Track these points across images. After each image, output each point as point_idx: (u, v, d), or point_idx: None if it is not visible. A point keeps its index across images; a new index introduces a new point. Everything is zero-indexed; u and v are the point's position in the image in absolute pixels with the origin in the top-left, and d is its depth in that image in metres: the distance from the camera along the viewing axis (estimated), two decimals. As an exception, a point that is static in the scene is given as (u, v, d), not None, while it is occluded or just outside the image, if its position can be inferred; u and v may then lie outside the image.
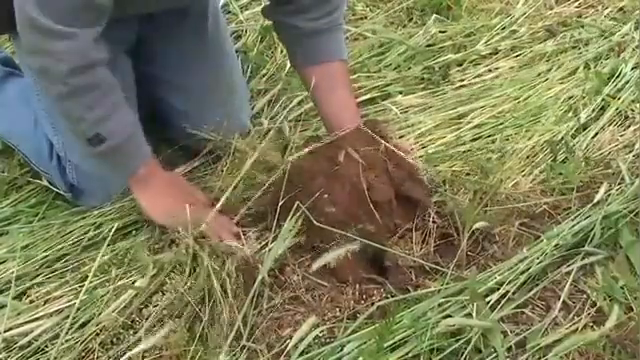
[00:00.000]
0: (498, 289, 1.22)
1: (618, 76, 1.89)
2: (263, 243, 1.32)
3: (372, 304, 1.20)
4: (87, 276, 1.24)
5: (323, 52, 1.45)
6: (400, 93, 1.86)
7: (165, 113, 1.58)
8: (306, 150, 1.33)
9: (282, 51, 1.93)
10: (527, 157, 1.63)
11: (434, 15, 2.16)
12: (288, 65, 1.83)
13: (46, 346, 1.20)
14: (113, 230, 1.32)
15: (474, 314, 1.17)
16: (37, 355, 1.19)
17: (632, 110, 1.77)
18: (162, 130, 1.60)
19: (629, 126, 1.73)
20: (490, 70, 1.98)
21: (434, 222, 1.34)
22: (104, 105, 1.25)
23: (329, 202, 1.26)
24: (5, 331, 1.19)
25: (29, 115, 1.52)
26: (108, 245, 1.32)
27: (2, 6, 1.38)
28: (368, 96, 1.83)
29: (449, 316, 1.17)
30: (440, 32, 2.10)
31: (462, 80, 1.94)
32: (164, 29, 1.50)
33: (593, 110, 1.78)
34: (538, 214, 1.44)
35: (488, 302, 1.20)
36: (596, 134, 1.70)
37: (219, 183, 1.39)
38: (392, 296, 1.23)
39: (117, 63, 1.33)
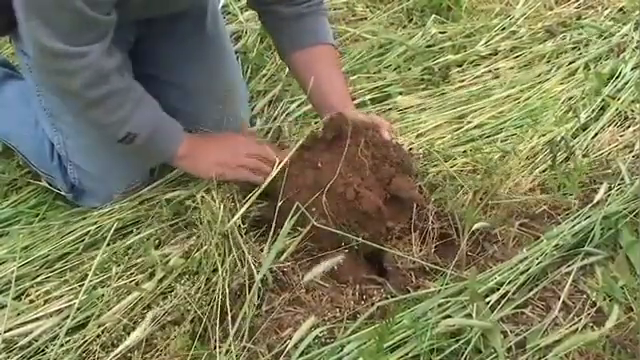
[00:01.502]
0: (498, 289, 1.22)
1: (618, 77, 1.90)
2: (263, 245, 1.32)
3: (372, 304, 1.20)
4: (87, 275, 1.24)
5: (308, 34, 1.46)
6: (400, 94, 1.87)
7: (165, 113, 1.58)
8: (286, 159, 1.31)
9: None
10: (527, 157, 1.63)
11: (434, 16, 2.16)
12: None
13: (46, 347, 1.20)
14: (112, 230, 1.32)
15: (474, 314, 1.17)
16: (37, 356, 1.19)
17: (632, 110, 1.78)
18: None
19: (629, 126, 1.73)
20: (490, 71, 1.99)
21: (433, 223, 1.34)
22: (125, 107, 1.28)
23: (318, 215, 1.25)
24: (5, 331, 1.19)
25: (29, 116, 1.52)
26: (108, 245, 1.32)
27: (4, 10, 1.38)
28: (368, 97, 1.84)
29: (449, 316, 1.17)
30: (440, 33, 2.10)
31: (462, 81, 1.94)
32: (163, 29, 1.50)
33: (593, 111, 1.78)
34: (538, 214, 1.44)
35: (488, 302, 1.20)
36: (596, 134, 1.71)
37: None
38: (392, 296, 1.23)
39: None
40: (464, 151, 1.64)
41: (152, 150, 1.37)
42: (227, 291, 1.20)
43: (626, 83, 1.87)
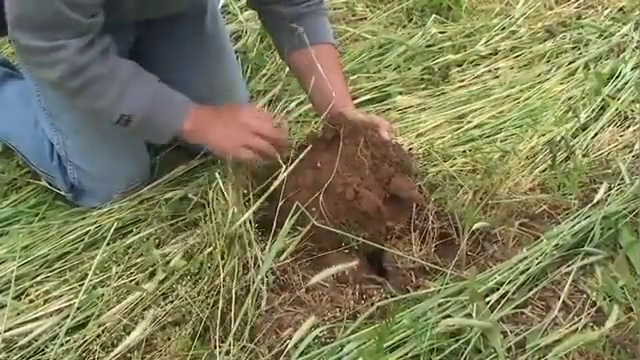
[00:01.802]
0: (498, 289, 1.22)
1: (618, 76, 1.90)
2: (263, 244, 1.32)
3: (372, 304, 1.20)
4: (87, 275, 1.24)
5: (308, 34, 1.45)
6: (400, 94, 1.87)
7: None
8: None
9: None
10: (527, 157, 1.63)
11: (434, 16, 2.16)
12: (288, 66, 1.84)
13: (46, 346, 1.20)
14: (112, 229, 1.32)
15: (474, 314, 1.17)
16: (37, 356, 1.19)
17: (632, 110, 1.78)
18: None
19: (629, 126, 1.74)
20: (490, 70, 1.99)
21: (433, 223, 1.34)
22: (112, 90, 1.26)
23: (318, 215, 1.25)
24: (5, 331, 1.19)
25: (29, 116, 1.52)
26: (108, 244, 1.32)
27: (2, 10, 1.39)
28: (368, 97, 1.84)
29: (449, 316, 1.17)
30: (440, 33, 2.10)
31: (462, 81, 1.94)
32: (162, 30, 1.50)
33: (593, 110, 1.78)
34: (538, 214, 1.44)
35: (488, 302, 1.20)
36: (596, 134, 1.71)
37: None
38: (392, 296, 1.23)
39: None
40: (464, 151, 1.64)
41: (151, 130, 1.34)
42: (226, 292, 1.20)
43: (626, 83, 1.87)
